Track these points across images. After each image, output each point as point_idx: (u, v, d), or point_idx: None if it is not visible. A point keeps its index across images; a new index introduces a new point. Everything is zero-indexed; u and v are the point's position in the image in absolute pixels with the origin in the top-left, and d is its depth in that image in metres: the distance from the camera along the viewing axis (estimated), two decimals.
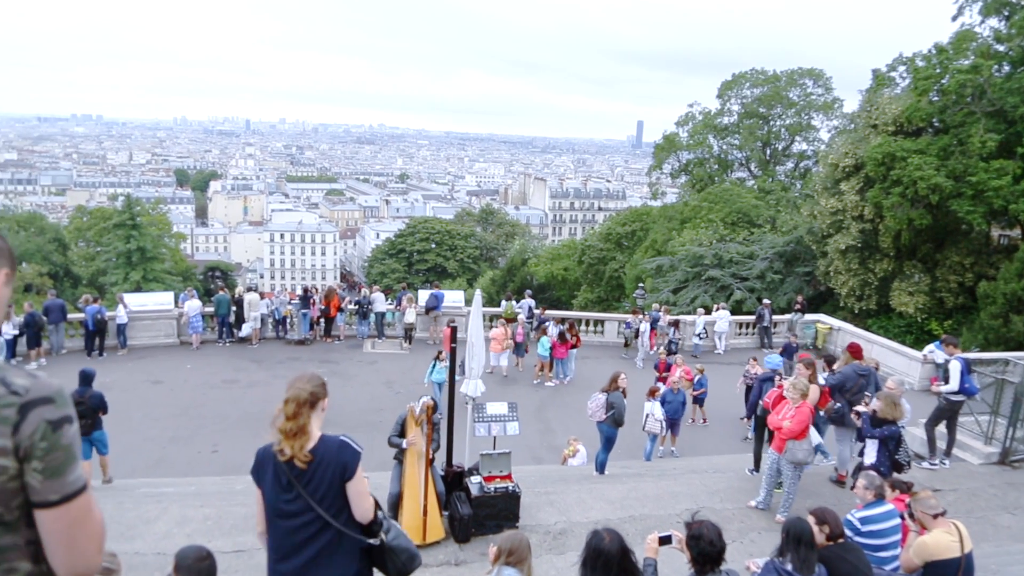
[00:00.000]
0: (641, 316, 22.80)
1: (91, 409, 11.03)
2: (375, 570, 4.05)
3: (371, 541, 3.89)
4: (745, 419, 11.73)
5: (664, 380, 16.12)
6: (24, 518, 1.89)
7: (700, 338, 22.79)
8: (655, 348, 22.32)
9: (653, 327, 22.80)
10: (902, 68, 30.29)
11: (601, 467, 11.98)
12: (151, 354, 20.18)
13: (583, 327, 23.83)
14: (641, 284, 32.47)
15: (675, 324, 22.48)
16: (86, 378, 11.39)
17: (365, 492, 3.84)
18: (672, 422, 14.13)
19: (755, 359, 17.10)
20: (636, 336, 22.15)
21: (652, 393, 13.81)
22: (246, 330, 21.32)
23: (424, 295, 23.27)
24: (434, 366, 15.82)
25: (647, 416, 13.14)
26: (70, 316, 20.90)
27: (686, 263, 31.41)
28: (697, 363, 18.56)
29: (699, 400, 16.55)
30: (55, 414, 1.86)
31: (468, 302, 24.41)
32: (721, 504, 9.75)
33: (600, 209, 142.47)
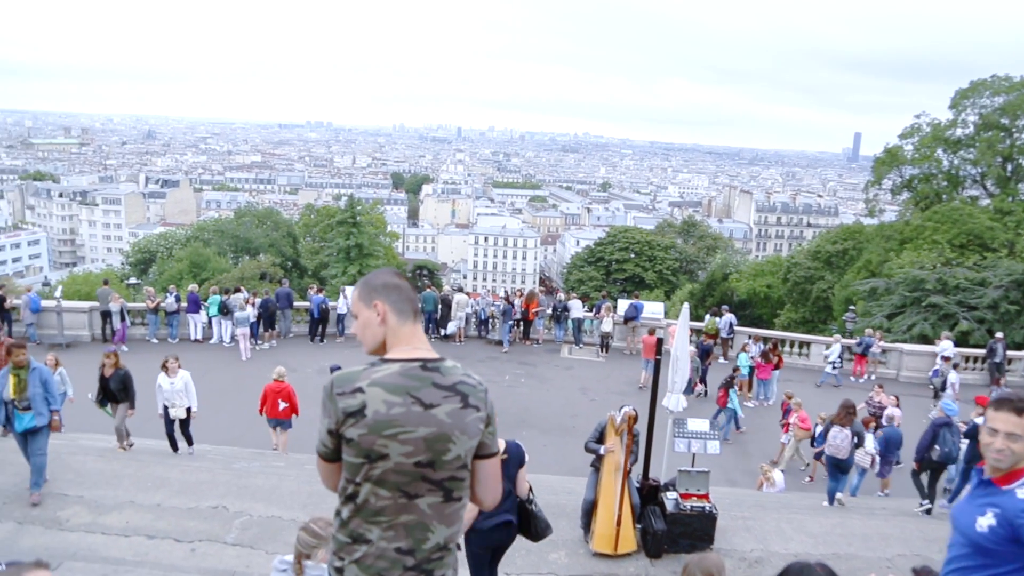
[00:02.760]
0: (948, 364, 19.59)
1: None
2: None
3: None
4: (915, 463, 10.93)
5: (785, 426, 15.06)
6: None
7: (834, 367, 20.68)
8: (865, 376, 21.06)
9: (864, 354, 21.44)
10: None
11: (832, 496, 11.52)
12: (358, 344, 21.73)
13: (786, 348, 22.78)
14: (852, 307, 30.42)
15: (956, 365, 19.61)
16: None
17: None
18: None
19: (881, 386, 15.90)
20: (943, 388, 18.36)
21: (867, 424, 12.97)
22: (452, 328, 22.42)
23: (623, 305, 23.28)
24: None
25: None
26: (297, 304, 23.19)
27: (904, 287, 28.95)
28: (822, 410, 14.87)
29: (820, 456, 13.55)
30: (490, 398, 2.70)
31: (667, 314, 24.11)
32: (941, 555, 8.96)
33: (809, 225, 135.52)
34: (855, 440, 10.95)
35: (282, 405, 12.89)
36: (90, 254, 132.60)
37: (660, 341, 8.63)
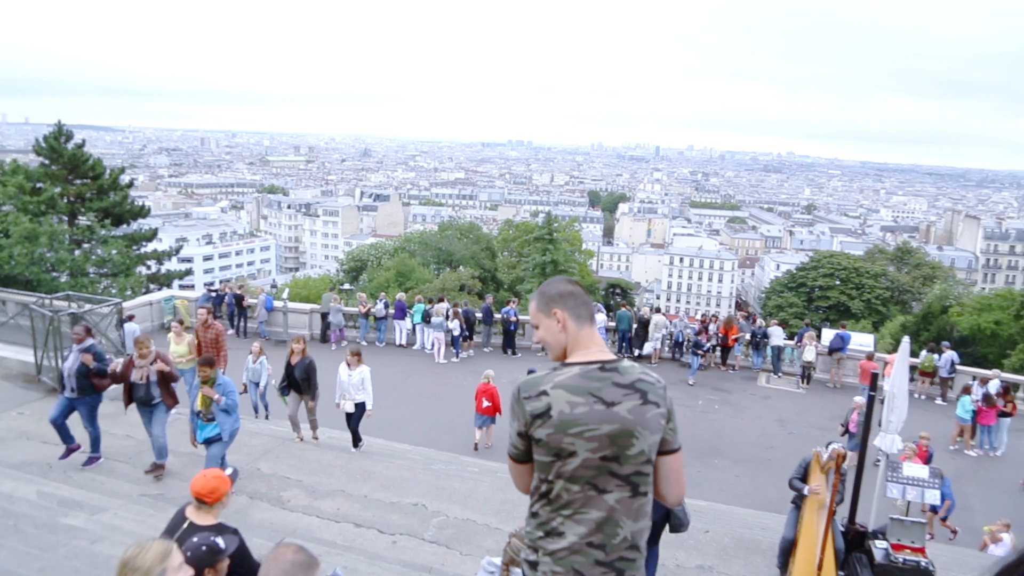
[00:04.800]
0: None
1: None
2: None
3: None
4: None
5: None
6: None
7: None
8: None
9: None
10: None
11: None
12: None
13: (1020, 394, 20.41)
14: None
15: None
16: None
17: None
18: None
19: None
20: None
21: None
22: (648, 348, 22.20)
23: (828, 334, 21.98)
24: None
25: None
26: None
27: None
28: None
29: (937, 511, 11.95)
30: (669, 394, 2.77)
31: (876, 347, 22.43)
32: None
33: None
34: None
35: (486, 403, 14.51)
36: (310, 260, 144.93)
37: (875, 376, 8.02)
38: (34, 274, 26.99)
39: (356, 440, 11.84)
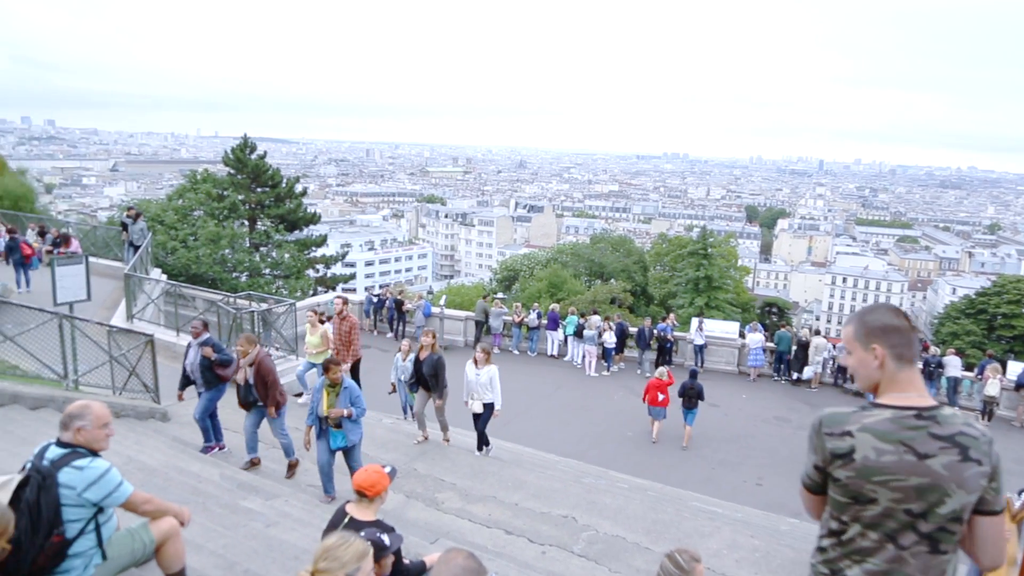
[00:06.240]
0: None
1: (697, 393, 15.89)
2: None
3: None
4: None
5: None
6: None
7: None
8: None
9: None
10: None
11: None
12: (710, 378, 21.36)
13: None
14: None
15: None
16: (694, 374, 16.63)
17: None
18: None
19: None
20: None
21: None
22: (808, 372, 21.20)
23: (1015, 367, 20.10)
24: None
25: None
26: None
27: None
28: None
29: None
30: (995, 450, 2.52)
31: None
32: None
33: None
34: None
35: (660, 397, 15.76)
36: (464, 268, 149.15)
37: None
38: (217, 273, 29.45)
39: (482, 442, 11.62)
